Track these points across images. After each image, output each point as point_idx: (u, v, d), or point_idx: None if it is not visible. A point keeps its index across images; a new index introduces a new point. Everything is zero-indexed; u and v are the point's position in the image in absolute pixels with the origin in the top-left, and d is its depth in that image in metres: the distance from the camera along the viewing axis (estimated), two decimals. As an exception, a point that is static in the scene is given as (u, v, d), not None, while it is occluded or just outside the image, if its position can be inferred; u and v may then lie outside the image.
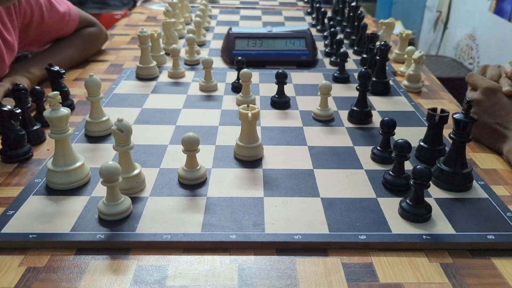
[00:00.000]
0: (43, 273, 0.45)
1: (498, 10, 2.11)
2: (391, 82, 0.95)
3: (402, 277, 0.46)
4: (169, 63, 1.03)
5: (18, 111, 0.64)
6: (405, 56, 1.05)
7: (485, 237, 0.50)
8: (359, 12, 1.23)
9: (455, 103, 0.89)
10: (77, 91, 0.89)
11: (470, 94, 0.73)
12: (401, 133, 0.71)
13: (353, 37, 1.20)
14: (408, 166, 0.62)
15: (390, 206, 0.55)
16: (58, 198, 0.56)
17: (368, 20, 1.58)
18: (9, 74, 0.86)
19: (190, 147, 0.58)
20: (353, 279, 0.45)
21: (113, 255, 0.48)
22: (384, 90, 0.90)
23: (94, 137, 0.71)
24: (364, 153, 0.68)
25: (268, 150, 0.68)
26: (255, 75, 0.98)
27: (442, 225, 0.52)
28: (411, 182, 0.52)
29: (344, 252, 0.49)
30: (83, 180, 0.58)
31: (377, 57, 0.88)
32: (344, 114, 0.80)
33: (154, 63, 0.97)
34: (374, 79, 0.89)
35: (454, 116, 0.58)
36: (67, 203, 0.55)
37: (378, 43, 0.96)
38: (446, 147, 0.66)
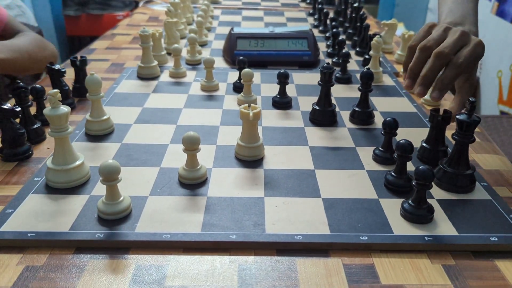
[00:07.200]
0: (41, 272, 0.45)
1: (500, 12, 2.10)
2: (393, 83, 0.95)
3: (404, 278, 0.45)
4: (170, 63, 1.03)
5: (18, 109, 0.64)
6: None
7: (488, 239, 0.50)
8: (361, 13, 1.23)
9: (458, 104, 0.88)
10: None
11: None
12: (403, 134, 0.71)
13: (355, 38, 1.20)
14: (410, 167, 0.61)
15: (392, 207, 0.55)
16: (58, 196, 0.55)
17: (370, 21, 1.58)
18: None
19: (191, 146, 0.57)
20: (354, 280, 0.45)
21: (112, 255, 0.47)
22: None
23: (94, 136, 0.70)
24: (366, 153, 0.67)
25: (269, 150, 0.67)
26: (257, 75, 0.97)
27: (444, 227, 0.52)
28: (413, 183, 0.51)
29: (345, 253, 0.48)
30: (82, 178, 0.58)
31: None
32: (346, 115, 0.80)
33: (156, 62, 0.96)
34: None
35: (457, 116, 0.57)
36: (66, 202, 0.54)
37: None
38: (448, 148, 0.65)
